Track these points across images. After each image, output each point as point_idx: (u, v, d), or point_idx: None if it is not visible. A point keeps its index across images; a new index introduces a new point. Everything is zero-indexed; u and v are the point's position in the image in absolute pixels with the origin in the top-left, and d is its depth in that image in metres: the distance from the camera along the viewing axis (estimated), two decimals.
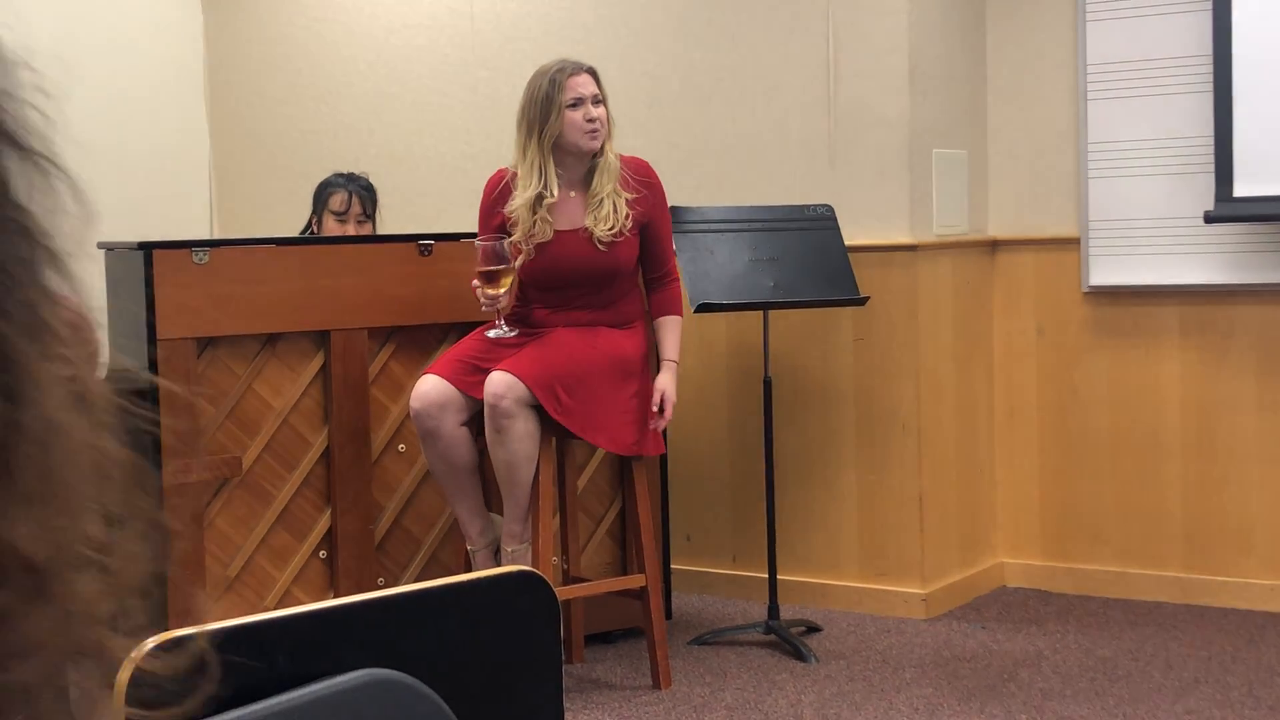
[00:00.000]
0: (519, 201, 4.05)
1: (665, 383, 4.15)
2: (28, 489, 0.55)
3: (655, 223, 4.18)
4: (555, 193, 4.04)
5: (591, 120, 4.03)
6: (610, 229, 4.04)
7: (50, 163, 0.58)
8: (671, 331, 4.22)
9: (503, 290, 3.94)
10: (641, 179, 4.15)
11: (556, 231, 4.07)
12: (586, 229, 4.07)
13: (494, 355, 4.04)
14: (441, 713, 0.98)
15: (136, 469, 0.61)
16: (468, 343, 4.19)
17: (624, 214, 4.06)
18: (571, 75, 4.04)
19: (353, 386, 4.26)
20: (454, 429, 4.03)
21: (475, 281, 3.96)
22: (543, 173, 4.04)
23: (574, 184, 4.13)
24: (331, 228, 4.94)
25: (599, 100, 4.07)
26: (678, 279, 4.30)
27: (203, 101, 6.49)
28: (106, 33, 6.09)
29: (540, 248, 4.07)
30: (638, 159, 4.22)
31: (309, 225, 5.08)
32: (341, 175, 5.09)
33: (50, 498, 0.56)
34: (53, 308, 0.57)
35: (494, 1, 5.71)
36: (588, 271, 4.08)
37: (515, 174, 4.11)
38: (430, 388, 4.02)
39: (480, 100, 5.64)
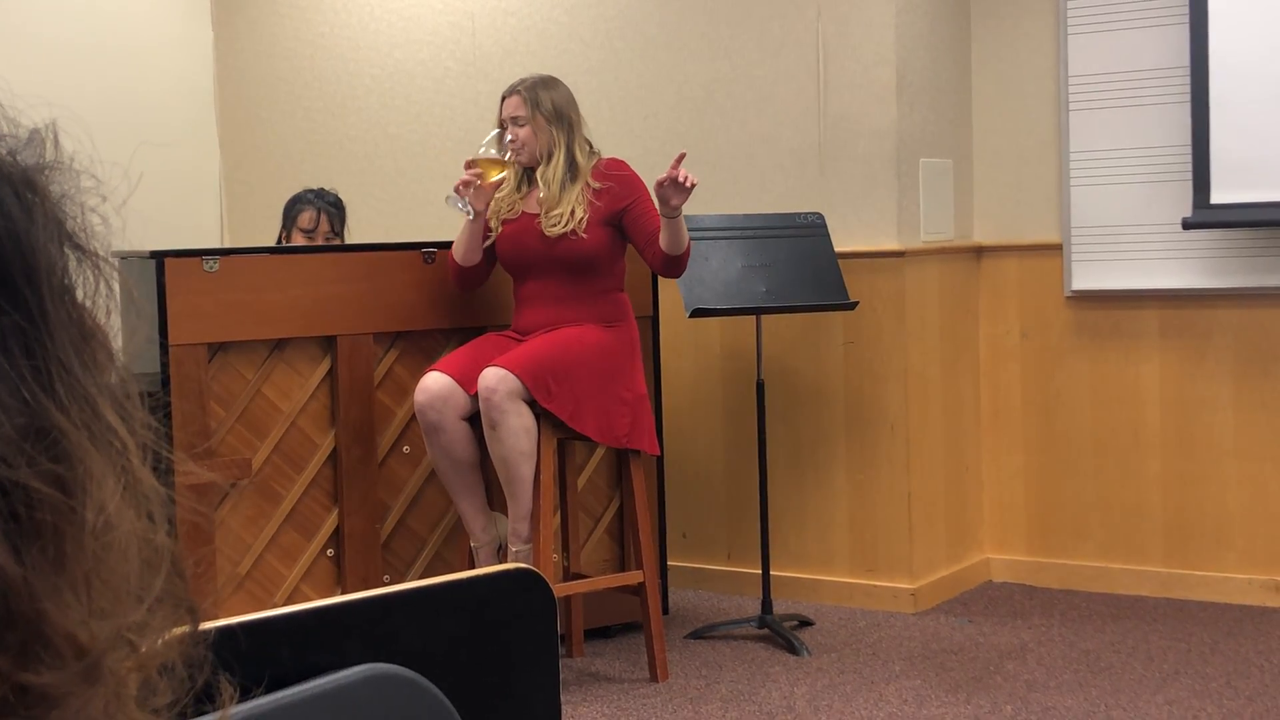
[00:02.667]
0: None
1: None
2: (81, 577, 0.56)
3: (631, 205, 4.26)
4: (505, 184, 4.34)
5: (510, 141, 4.29)
6: (554, 226, 4.21)
7: (107, 264, 0.60)
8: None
9: (491, 178, 4.23)
10: (613, 174, 4.30)
11: (523, 214, 4.31)
12: (538, 217, 4.27)
13: (497, 354, 4.13)
14: (442, 706, 0.98)
15: (174, 554, 0.61)
16: (473, 344, 4.30)
17: (580, 218, 4.21)
18: (504, 98, 4.37)
19: (359, 390, 4.29)
20: (456, 423, 4.10)
21: (470, 174, 4.22)
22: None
23: (535, 184, 4.36)
24: (300, 243, 4.95)
25: (521, 122, 4.29)
26: None
27: (213, 115, 6.52)
28: (119, 48, 6.13)
29: (504, 224, 4.33)
30: (614, 159, 4.37)
31: (279, 240, 5.09)
32: (311, 191, 5.09)
33: (100, 585, 0.56)
34: (109, 401, 0.58)
35: (495, 18, 5.76)
36: (537, 253, 4.25)
37: None
38: (434, 382, 4.11)
39: (482, 112, 5.62)
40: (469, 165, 4.25)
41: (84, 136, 0.64)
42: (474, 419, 4.12)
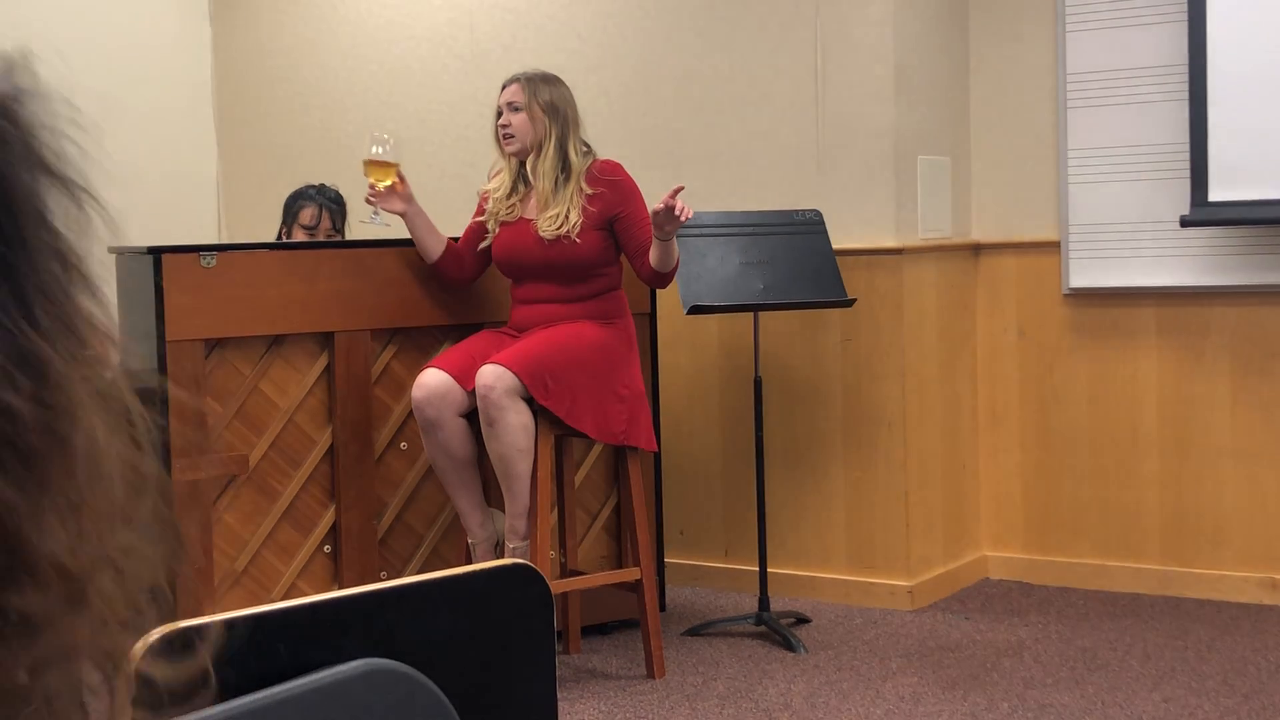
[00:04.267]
0: (487, 187, 4.43)
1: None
2: (65, 500, 0.56)
3: (623, 213, 4.24)
4: (503, 186, 4.34)
5: (504, 126, 4.28)
6: (552, 227, 4.19)
7: (84, 191, 0.59)
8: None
9: (383, 182, 4.30)
10: (607, 178, 4.27)
11: (520, 218, 4.30)
12: (534, 221, 4.25)
13: (494, 351, 4.14)
14: (438, 701, 0.98)
15: (160, 479, 0.62)
16: (470, 340, 4.30)
17: (575, 221, 4.19)
18: (503, 87, 4.35)
19: (356, 386, 4.29)
20: (454, 420, 4.11)
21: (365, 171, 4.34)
22: (503, 168, 4.37)
23: (532, 185, 4.33)
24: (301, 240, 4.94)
25: (516, 108, 4.27)
26: None
27: (211, 111, 6.53)
28: (117, 44, 6.13)
29: (502, 226, 4.32)
30: (609, 161, 4.34)
31: (279, 236, 5.07)
32: (313, 187, 5.07)
33: (85, 509, 0.56)
34: (90, 328, 0.58)
35: (493, 14, 5.77)
36: (532, 258, 4.24)
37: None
38: (432, 379, 4.11)
39: (480, 108, 5.61)
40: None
41: (63, 67, 0.64)
42: (472, 415, 4.12)
